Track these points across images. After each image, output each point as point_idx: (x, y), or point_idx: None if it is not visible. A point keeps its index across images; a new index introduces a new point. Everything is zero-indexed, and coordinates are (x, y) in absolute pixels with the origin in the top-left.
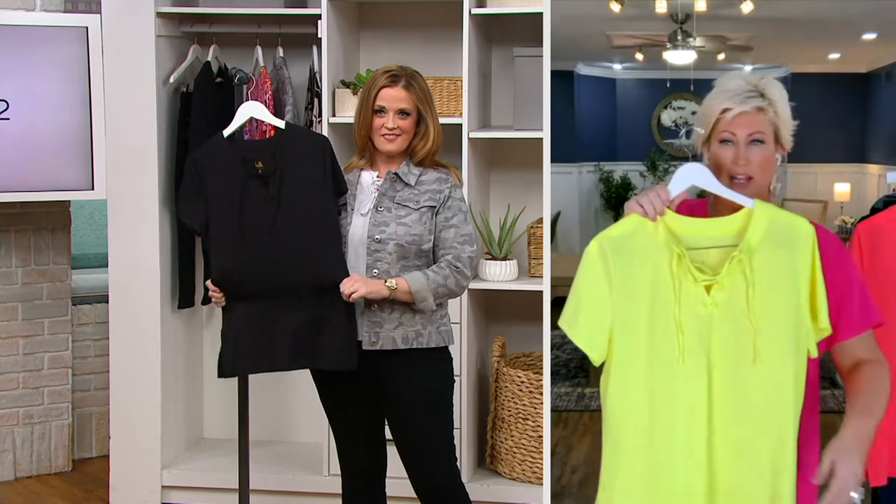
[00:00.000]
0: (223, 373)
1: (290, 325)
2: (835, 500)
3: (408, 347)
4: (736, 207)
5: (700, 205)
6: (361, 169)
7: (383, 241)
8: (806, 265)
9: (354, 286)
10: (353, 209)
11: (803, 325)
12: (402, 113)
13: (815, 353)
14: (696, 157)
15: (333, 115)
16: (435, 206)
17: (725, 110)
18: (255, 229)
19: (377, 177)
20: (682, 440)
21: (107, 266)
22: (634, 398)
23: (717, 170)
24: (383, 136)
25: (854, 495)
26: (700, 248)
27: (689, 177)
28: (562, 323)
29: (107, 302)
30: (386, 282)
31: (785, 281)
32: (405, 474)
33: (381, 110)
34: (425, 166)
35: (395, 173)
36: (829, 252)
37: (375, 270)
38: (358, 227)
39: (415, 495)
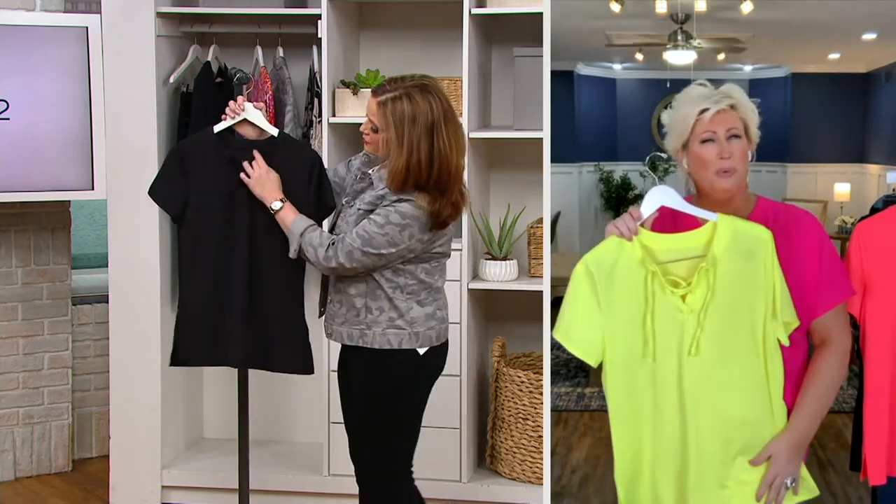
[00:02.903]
0: (176, 361)
1: (246, 322)
2: (769, 484)
3: (354, 345)
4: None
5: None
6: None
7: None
8: (767, 269)
9: (254, 170)
10: (342, 193)
11: (763, 321)
12: (373, 125)
13: (786, 342)
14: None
15: (333, 115)
16: (372, 210)
17: (704, 111)
18: (235, 224)
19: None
20: (660, 425)
21: (107, 266)
22: (622, 393)
23: (703, 167)
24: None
25: (787, 481)
26: (673, 260)
27: (659, 198)
28: (556, 335)
29: (107, 302)
30: (275, 202)
31: (745, 286)
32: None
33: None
34: (392, 189)
35: (370, 175)
36: (807, 238)
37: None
38: (335, 217)
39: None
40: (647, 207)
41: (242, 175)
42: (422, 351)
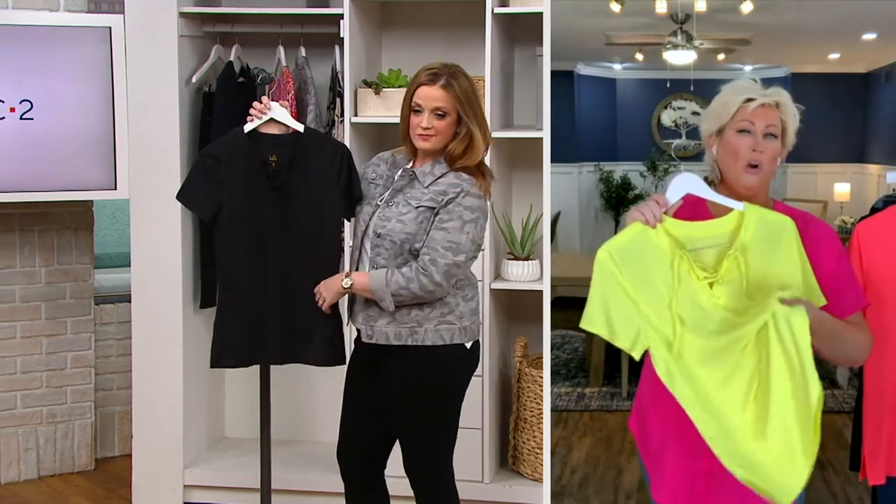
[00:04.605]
0: (215, 363)
1: (281, 321)
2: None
3: (401, 344)
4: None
5: (701, 201)
6: (402, 154)
7: (382, 235)
8: (792, 255)
9: (319, 299)
10: (371, 198)
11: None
12: (439, 112)
13: None
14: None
15: (355, 115)
16: (434, 208)
17: (749, 100)
18: (267, 224)
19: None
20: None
21: (129, 265)
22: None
23: (733, 158)
24: (419, 135)
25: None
26: (698, 248)
27: (685, 186)
28: (590, 327)
29: (129, 301)
30: (343, 280)
31: (774, 273)
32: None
33: (418, 108)
34: (457, 170)
35: (413, 171)
36: (824, 245)
37: (375, 265)
38: (368, 217)
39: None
40: (673, 194)
41: (320, 303)
42: (468, 345)
